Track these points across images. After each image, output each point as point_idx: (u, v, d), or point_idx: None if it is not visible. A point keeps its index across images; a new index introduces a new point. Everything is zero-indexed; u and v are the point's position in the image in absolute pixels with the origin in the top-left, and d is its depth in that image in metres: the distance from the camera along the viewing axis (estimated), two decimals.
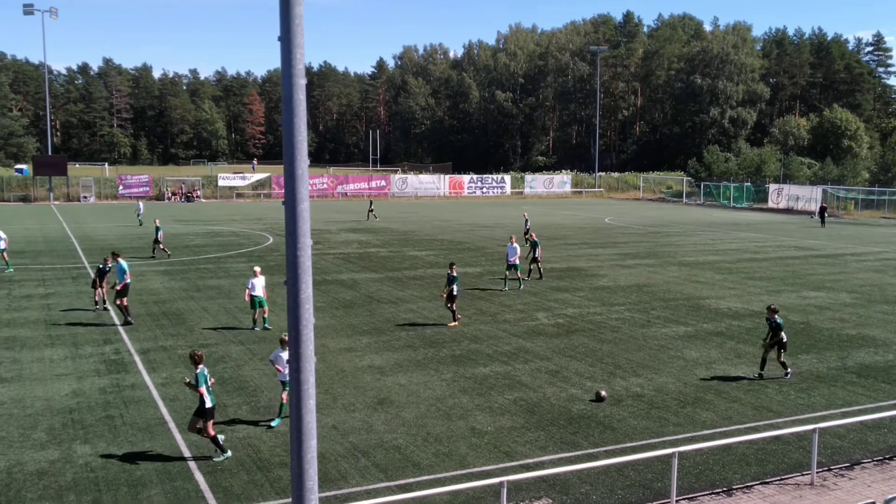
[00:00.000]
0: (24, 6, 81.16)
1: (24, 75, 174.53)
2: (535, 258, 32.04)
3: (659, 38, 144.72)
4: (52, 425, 14.71)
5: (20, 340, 20.99)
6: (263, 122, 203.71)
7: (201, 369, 13.49)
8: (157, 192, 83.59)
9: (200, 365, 13.54)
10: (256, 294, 22.45)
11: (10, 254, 33.70)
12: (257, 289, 22.46)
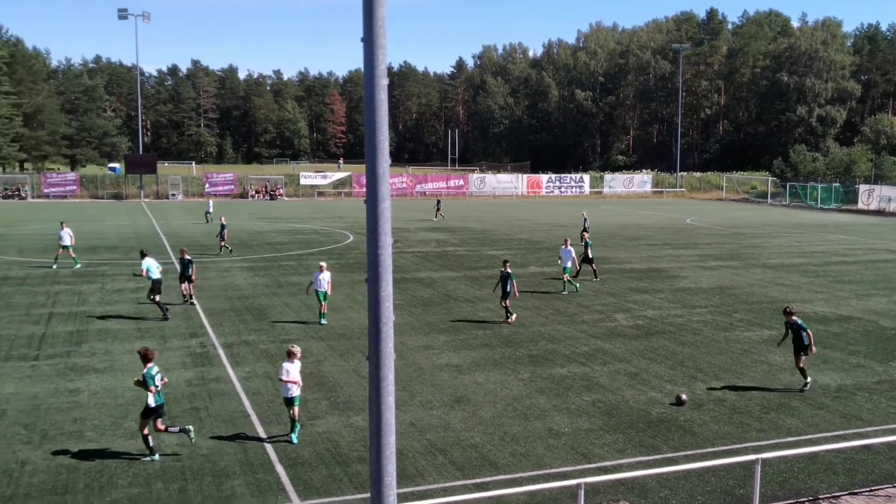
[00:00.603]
0: (119, 11, 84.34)
1: (117, 77, 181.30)
2: (589, 259, 31.64)
3: (744, 35, 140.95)
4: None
5: (112, 333, 21.82)
6: (344, 122, 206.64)
7: (149, 368, 13.37)
8: (241, 191, 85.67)
9: (149, 363, 13.43)
10: (322, 289, 22.99)
11: (104, 249, 35.07)
12: (322, 283, 23.00)
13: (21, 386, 16.91)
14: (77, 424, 14.66)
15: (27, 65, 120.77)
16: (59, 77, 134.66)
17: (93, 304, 25.77)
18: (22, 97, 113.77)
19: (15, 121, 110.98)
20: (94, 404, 15.85)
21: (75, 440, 13.87)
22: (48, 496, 11.76)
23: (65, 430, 14.40)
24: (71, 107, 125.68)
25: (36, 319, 23.33)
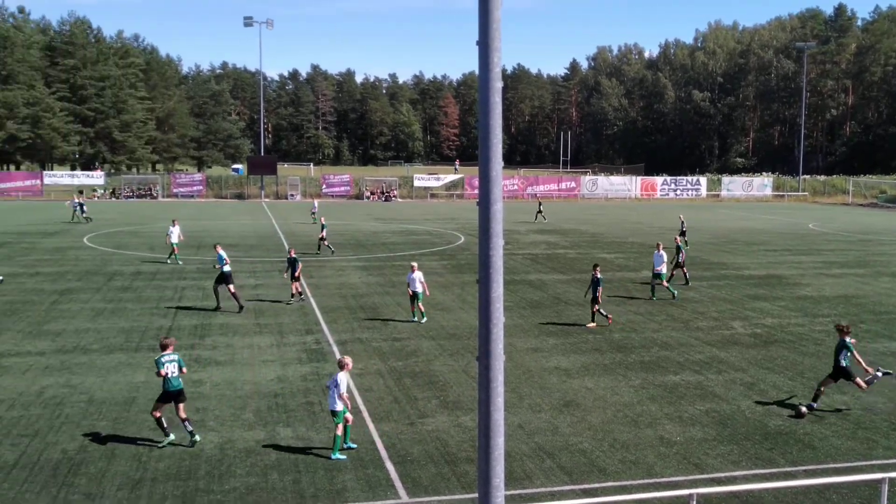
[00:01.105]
0: (245, 19, 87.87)
1: (241, 82, 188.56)
2: (679, 263, 30.69)
3: (875, 31, 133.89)
4: (259, 408, 15.82)
5: (233, 328, 22.73)
6: (458, 125, 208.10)
7: (161, 355, 13.96)
8: (356, 192, 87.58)
9: (164, 351, 14.02)
10: (416, 289, 23.44)
11: (224, 247, 36.48)
12: (416, 283, 23.39)
13: (150, 375, 17.80)
14: (199, 414, 15.35)
15: (161, 71, 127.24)
16: (189, 83, 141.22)
17: (210, 300, 26.86)
18: (155, 102, 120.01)
19: (149, 124, 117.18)
20: (215, 395, 16.56)
21: (198, 429, 14.50)
22: (172, 481, 12.37)
23: (189, 416, 15.08)
24: (199, 111, 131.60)
25: (164, 313, 24.56)
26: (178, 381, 13.95)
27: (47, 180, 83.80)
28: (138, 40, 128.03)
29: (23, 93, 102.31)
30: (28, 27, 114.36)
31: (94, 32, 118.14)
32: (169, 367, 13.85)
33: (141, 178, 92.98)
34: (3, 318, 23.30)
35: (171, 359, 14.02)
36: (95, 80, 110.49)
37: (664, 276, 28.07)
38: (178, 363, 14.06)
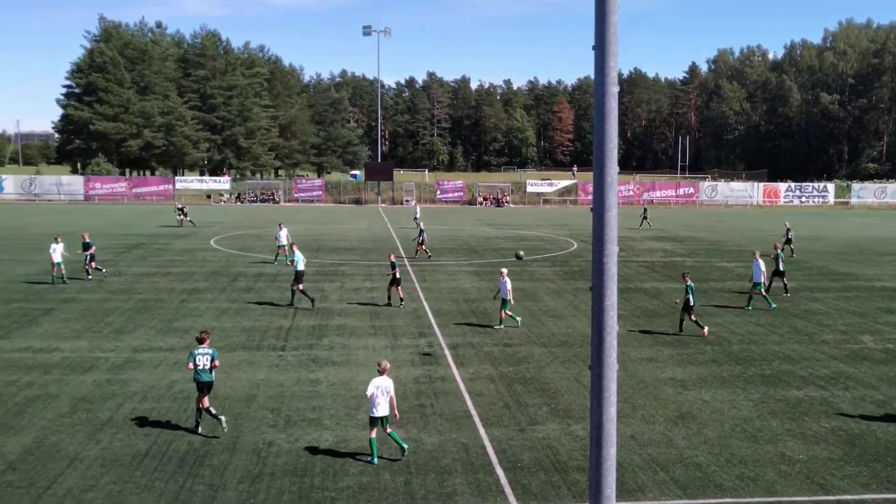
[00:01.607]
0: (364, 28, 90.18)
1: (360, 90, 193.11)
2: (780, 272, 29.24)
3: None
4: None
5: (349, 329, 23.28)
6: (572, 130, 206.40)
7: (194, 350, 14.74)
8: (469, 197, 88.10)
9: (201, 345, 14.78)
10: (505, 296, 23.42)
11: (344, 250, 37.52)
12: (506, 289, 23.41)
13: (270, 374, 18.49)
14: (316, 413, 15.80)
15: (284, 81, 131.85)
16: (310, 91, 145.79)
17: (332, 301, 27.61)
18: (278, 110, 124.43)
19: (272, 131, 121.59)
20: (331, 395, 17.00)
21: (314, 427, 14.95)
22: (289, 476, 12.78)
23: (305, 416, 15.57)
24: (319, 118, 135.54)
25: (284, 313, 25.40)
26: (208, 375, 14.69)
27: (179, 185, 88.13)
28: (263, 51, 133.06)
29: (158, 103, 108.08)
30: (164, 41, 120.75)
31: (223, 44, 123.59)
32: (200, 361, 14.60)
33: (264, 183, 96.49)
34: (138, 315, 24.66)
35: (204, 352, 14.76)
36: (223, 89, 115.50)
37: (762, 285, 27.01)
38: (211, 356, 14.78)
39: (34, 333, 22.06)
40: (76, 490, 12.05)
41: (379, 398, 13.34)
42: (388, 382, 13.51)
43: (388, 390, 13.45)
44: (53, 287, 29.39)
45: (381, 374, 13.56)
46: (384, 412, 13.44)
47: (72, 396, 16.47)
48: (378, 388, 13.34)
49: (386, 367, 13.73)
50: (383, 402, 13.39)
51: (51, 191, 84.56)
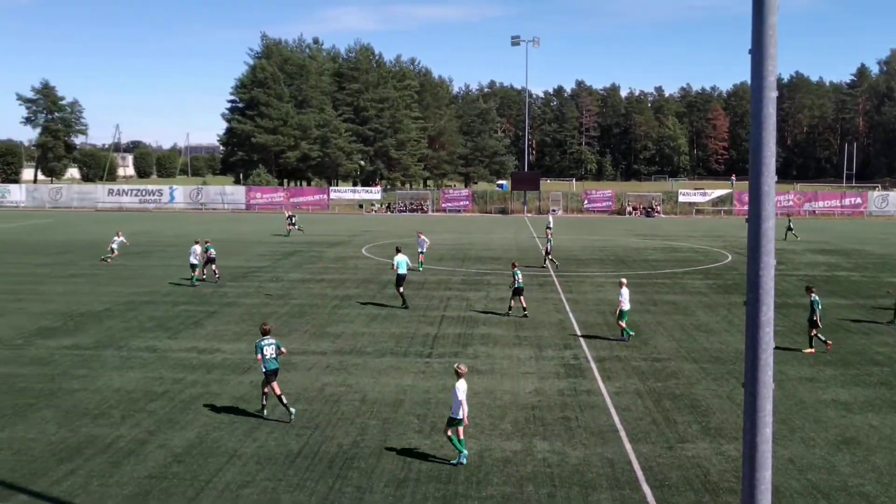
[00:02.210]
0: (512, 38, 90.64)
1: (508, 100, 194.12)
2: None
3: None
4: (517, 418, 16.10)
5: (494, 338, 23.37)
6: (727, 137, 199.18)
7: (261, 339, 15.79)
8: (618, 207, 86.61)
9: (264, 336, 15.88)
10: (624, 307, 22.87)
11: (490, 259, 37.74)
12: (625, 300, 22.85)
13: (416, 380, 18.83)
14: None
15: (433, 92, 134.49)
16: (459, 102, 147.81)
17: (478, 310, 27.82)
18: (428, 121, 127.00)
19: (421, 143, 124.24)
20: (475, 403, 17.09)
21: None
22: (434, 482, 12.94)
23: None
24: (467, 128, 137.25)
25: (431, 321, 25.82)
26: (274, 363, 15.78)
27: (333, 195, 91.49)
28: (414, 64, 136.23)
29: (315, 116, 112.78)
30: (321, 56, 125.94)
31: (376, 58, 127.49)
32: (267, 350, 15.68)
33: (413, 193, 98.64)
34: (293, 320, 25.76)
35: (270, 343, 15.81)
36: (376, 102, 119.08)
37: None
38: (276, 346, 15.88)
39: (199, 335, 23.46)
40: (234, 485, 12.69)
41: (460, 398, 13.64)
42: (465, 385, 13.91)
43: (465, 392, 13.81)
44: (216, 291, 31.16)
45: (459, 377, 13.92)
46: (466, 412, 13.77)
47: (231, 396, 17.38)
48: (458, 389, 13.67)
49: (464, 371, 14.10)
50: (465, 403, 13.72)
51: (216, 200, 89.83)
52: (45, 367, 19.61)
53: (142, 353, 21.11)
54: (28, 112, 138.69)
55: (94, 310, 27.07)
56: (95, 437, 14.74)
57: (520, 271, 26.93)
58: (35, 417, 15.82)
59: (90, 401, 16.95)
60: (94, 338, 22.88)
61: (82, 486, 12.52)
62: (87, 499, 12.10)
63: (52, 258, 41.36)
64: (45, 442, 14.46)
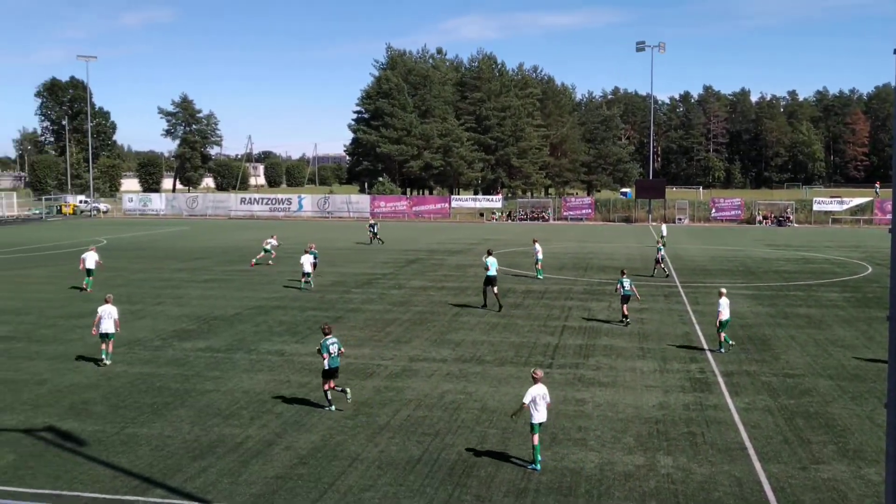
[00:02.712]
0: (637, 44, 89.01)
1: (632, 106, 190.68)
2: None
3: None
4: (640, 432, 15.73)
5: (616, 350, 22.94)
6: (867, 143, 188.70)
7: (325, 339, 16.84)
8: (747, 216, 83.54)
9: (326, 336, 16.93)
10: (725, 317, 22.43)
11: (611, 269, 37.10)
12: (725, 310, 22.38)
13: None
14: (581, 433, 15.70)
15: (556, 100, 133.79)
16: (581, 109, 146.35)
17: (600, 320, 27.39)
18: (550, 129, 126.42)
19: (543, 150, 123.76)
20: (597, 416, 16.82)
21: (579, 447, 14.86)
22: (554, 494, 12.79)
23: (571, 436, 15.53)
24: (590, 136, 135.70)
25: (551, 331, 25.61)
26: (337, 360, 16.97)
27: (454, 204, 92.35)
28: (537, 72, 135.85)
29: (437, 125, 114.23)
30: (444, 66, 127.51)
31: (498, 67, 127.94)
32: (333, 349, 16.83)
33: (534, 201, 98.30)
34: (415, 327, 26.11)
35: (333, 342, 16.92)
36: (498, 110, 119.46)
37: None
38: (337, 345, 17.00)
39: None
40: (356, 489, 12.94)
41: (539, 404, 13.87)
42: (544, 390, 14.09)
43: (546, 397, 14.05)
44: (342, 297, 31.96)
45: (535, 382, 14.08)
46: (543, 418, 13.96)
47: (354, 400, 17.75)
48: (535, 395, 13.87)
49: (540, 376, 14.27)
50: (542, 407, 13.93)
51: (341, 209, 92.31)
52: (181, 368, 20.63)
53: (270, 357, 21.89)
54: (168, 125, 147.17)
55: (226, 314, 28.29)
56: (226, 436, 15.37)
57: (627, 280, 26.59)
58: (171, 416, 16.65)
59: (222, 401, 17.69)
60: (226, 341, 23.90)
61: (213, 484, 13.06)
62: (218, 495, 12.62)
63: (189, 264, 43.52)
64: (181, 439, 15.19)
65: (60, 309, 28.85)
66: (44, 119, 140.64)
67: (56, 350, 22.54)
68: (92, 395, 18.07)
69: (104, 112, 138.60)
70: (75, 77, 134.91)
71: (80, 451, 14.54)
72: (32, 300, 30.94)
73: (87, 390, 18.51)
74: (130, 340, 23.52)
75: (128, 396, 18.03)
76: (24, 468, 13.68)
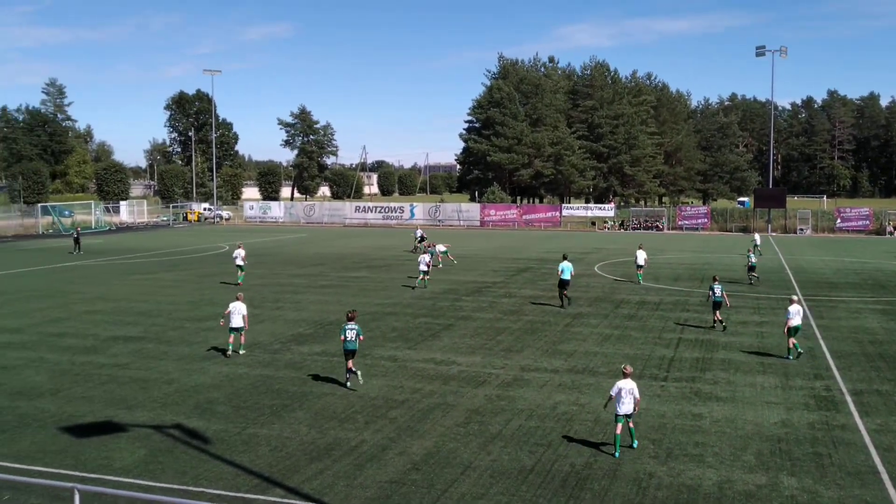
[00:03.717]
0: (757, 49, 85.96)
1: (750, 113, 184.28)
2: None
3: None
4: (761, 450, 15.13)
5: (735, 364, 22.16)
6: None
7: (344, 324, 19.47)
8: (876, 226, 79.29)
9: (349, 321, 19.37)
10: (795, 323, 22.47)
11: (727, 281, 35.88)
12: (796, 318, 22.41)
13: (651, 403, 18.27)
14: (699, 448, 15.24)
15: (670, 107, 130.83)
16: (697, 116, 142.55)
17: (717, 333, 26.54)
18: (664, 137, 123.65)
19: (657, 159, 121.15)
20: (714, 431, 16.29)
21: (696, 463, 14.43)
22: None
23: (687, 451, 15.10)
24: (706, 143, 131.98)
25: (667, 343, 24.99)
26: (353, 344, 19.25)
27: (565, 212, 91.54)
28: (651, 78, 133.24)
29: (548, 133, 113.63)
30: (555, 74, 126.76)
31: (611, 74, 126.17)
32: (349, 334, 19.16)
33: (648, 210, 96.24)
34: (526, 336, 25.99)
35: (352, 328, 19.22)
36: (610, 118, 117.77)
37: None
38: (356, 331, 19.26)
39: (436, 346, 24.32)
40: (468, 497, 12.96)
41: (624, 397, 14.92)
42: (631, 384, 15.06)
43: (632, 391, 15.00)
44: (453, 305, 32.15)
45: (625, 376, 15.12)
46: (628, 410, 15.00)
47: (466, 408, 17.81)
48: (622, 388, 14.96)
49: (629, 371, 15.31)
50: (628, 401, 14.96)
51: (452, 217, 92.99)
52: (298, 371, 21.22)
53: (384, 362, 22.24)
54: (287, 135, 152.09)
55: (342, 319, 28.87)
56: (342, 439, 15.69)
57: (719, 286, 27.07)
58: (289, 417, 17.14)
59: (337, 405, 18.09)
60: (341, 346, 24.40)
61: (329, 486, 13.35)
62: (334, 498, 12.89)
63: (307, 269, 44.75)
64: (298, 441, 15.61)
65: (187, 312, 30.18)
66: (172, 130, 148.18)
67: (183, 351, 23.60)
68: (216, 395, 18.82)
69: (227, 123, 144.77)
70: (201, 90, 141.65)
71: (205, 448, 15.16)
72: (162, 303, 32.51)
73: (212, 390, 19.29)
74: (251, 343, 24.36)
75: (249, 397, 18.68)
76: (154, 463, 14.36)
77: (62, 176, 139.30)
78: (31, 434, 16.01)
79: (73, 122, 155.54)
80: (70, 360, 22.52)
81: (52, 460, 14.46)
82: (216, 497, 12.81)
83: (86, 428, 16.38)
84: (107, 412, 17.50)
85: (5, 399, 18.55)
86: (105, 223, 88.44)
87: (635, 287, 37.73)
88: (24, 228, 79.84)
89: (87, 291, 36.00)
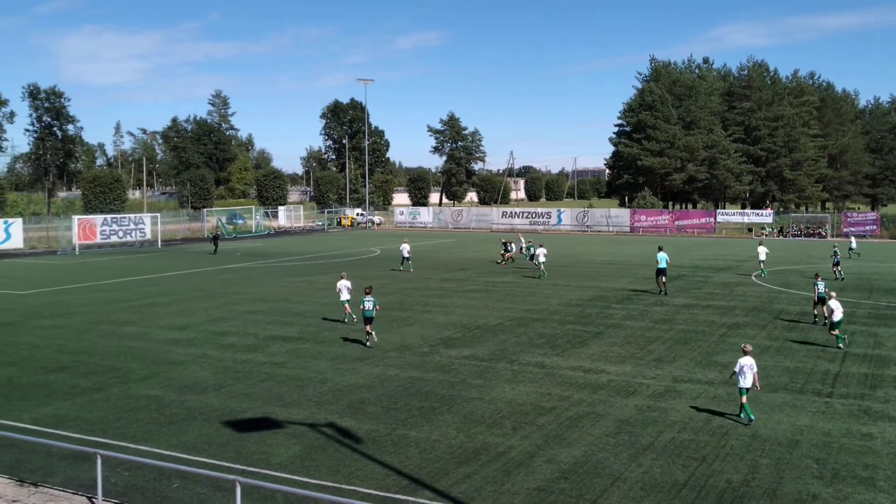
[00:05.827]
0: None
1: None
2: None
3: None
4: None
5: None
6: None
7: (363, 297, 24.73)
8: None
9: (366, 295, 24.66)
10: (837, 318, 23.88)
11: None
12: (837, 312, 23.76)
13: (815, 420, 17.27)
14: (869, 471, 14.26)
15: (835, 108, 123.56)
16: (866, 116, 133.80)
17: (889, 348, 24.78)
18: (828, 139, 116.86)
19: (820, 162, 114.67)
20: (886, 453, 15.19)
21: (866, 486, 13.51)
22: None
23: (856, 473, 14.15)
24: (875, 146, 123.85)
25: (831, 357, 23.54)
26: (371, 312, 24.47)
27: (720, 218, 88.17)
28: (814, 78, 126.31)
29: (702, 137, 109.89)
30: (710, 76, 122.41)
31: (770, 75, 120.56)
32: (367, 304, 24.46)
33: (809, 216, 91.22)
34: (678, 346, 25.19)
35: (369, 300, 24.55)
36: (769, 120, 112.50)
37: None
38: (373, 302, 24.69)
39: (584, 354, 23.98)
40: None
41: (746, 372, 16.96)
42: (751, 361, 17.10)
43: (753, 367, 17.07)
44: (602, 312, 31.62)
45: (745, 354, 17.21)
46: (748, 384, 17.01)
47: (616, 418, 17.45)
48: (743, 365, 17.01)
49: (749, 349, 17.41)
50: (749, 376, 16.99)
51: (600, 222, 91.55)
52: (446, 375, 21.47)
53: (531, 368, 22.15)
54: (436, 142, 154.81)
55: (489, 323, 29.07)
56: (489, 444, 15.73)
57: (822, 283, 28.63)
58: (438, 420, 17.36)
59: (485, 410, 18.16)
60: (488, 350, 24.54)
61: (477, 491, 13.40)
62: (482, 503, 12.92)
63: (455, 274, 45.29)
64: (446, 444, 15.78)
65: (341, 314, 31.23)
66: (327, 138, 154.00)
67: (336, 352, 24.41)
68: (367, 396, 19.34)
69: (379, 131, 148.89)
70: (355, 99, 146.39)
71: (357, 447, 15.59)
72: (318, 304, 33.79)
73: (363, 391, 19.84)
74: (401, 346, 24.90)
75: (399, 399, 19.08)
76: (309, 460, 14.91)
77: (225, 182, 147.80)
78: (198, 427, 17.01)
79: (236, 130, 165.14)
80: (232, 357, 23.79)
81: (215, 452, 15.30)
82: (368, 496, 13.13)
83: (246, 423, 17.24)
84: (265, 409, 18.35)
85: (174, 393, 19.82)
86: (264, 227, 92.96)
87: (796, 297, 35.81)
88: (192, 232, 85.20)
89: (248, 292, 37.93)
